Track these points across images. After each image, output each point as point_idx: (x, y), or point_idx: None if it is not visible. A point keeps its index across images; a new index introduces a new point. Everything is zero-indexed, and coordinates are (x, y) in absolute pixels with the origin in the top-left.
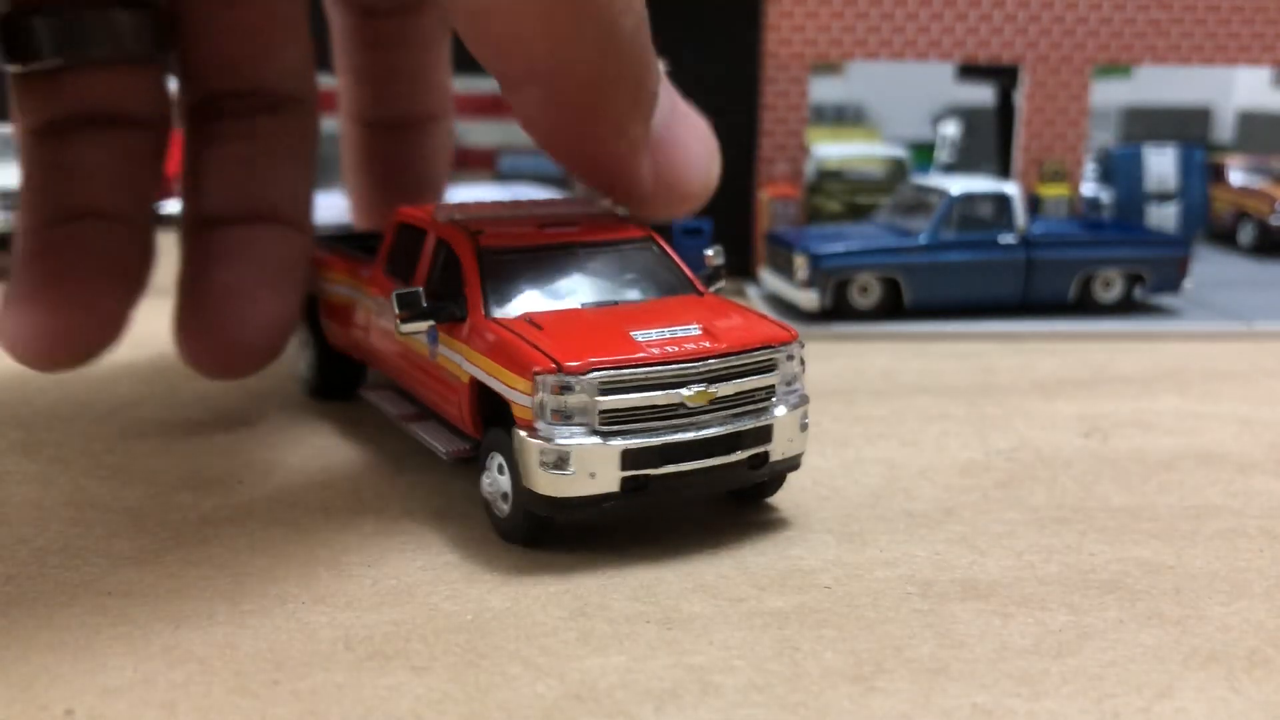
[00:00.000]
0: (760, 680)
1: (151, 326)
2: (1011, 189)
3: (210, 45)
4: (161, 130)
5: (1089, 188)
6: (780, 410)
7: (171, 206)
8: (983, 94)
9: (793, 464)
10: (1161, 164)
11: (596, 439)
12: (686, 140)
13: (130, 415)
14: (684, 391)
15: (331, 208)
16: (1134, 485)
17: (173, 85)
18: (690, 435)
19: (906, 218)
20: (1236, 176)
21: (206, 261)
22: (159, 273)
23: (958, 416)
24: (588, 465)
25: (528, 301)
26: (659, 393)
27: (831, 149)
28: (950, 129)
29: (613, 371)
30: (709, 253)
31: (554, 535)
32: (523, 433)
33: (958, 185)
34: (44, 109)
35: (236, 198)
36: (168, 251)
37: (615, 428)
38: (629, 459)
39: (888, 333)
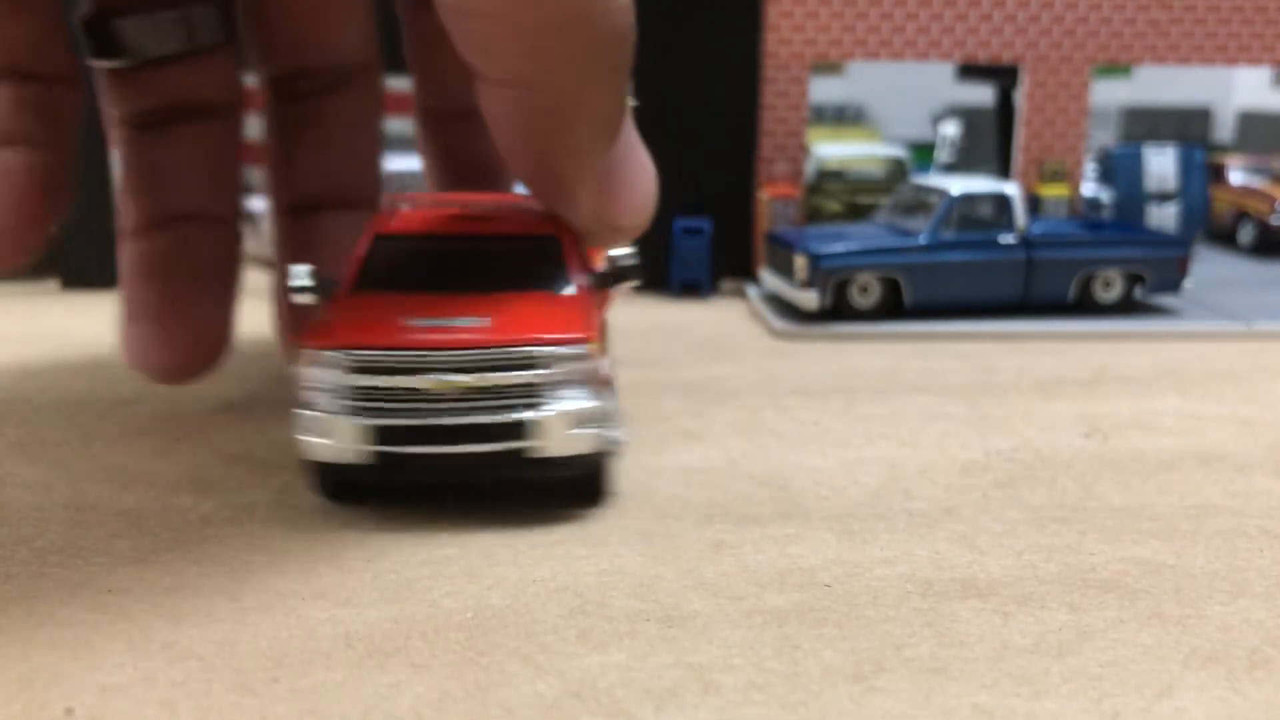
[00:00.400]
0: (760, 679)
1: None
2: (1011, 189)
3: (276, 25)
4: (238, 116)
5: (1089, 188)
6: (547, 409)
7: None
8: (983, 94)
9: (576, 465)
10: (1161, 164)
11: (349, 414)
12: (633, 180)
13: (131, 415)
14: (429, 378)
15: None
16: (1134, 485)
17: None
18: (435, 421)
19: (906, 218)
20: (1236, 176)
21: (307, 249)
22: None
23: (958, 416)
24: (341, 437)
25: (391, 284)
26: (402, 377)
27: (831, 149)
28: (950, 129)
29: (359, 353)
30: (615, 254)
31: (357, 496)
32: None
33: (958, 185)
34: (130, 102)
35: (327, 183)
36: None
37: (368, 405)
38: (378, 435)
39: (888, 333)
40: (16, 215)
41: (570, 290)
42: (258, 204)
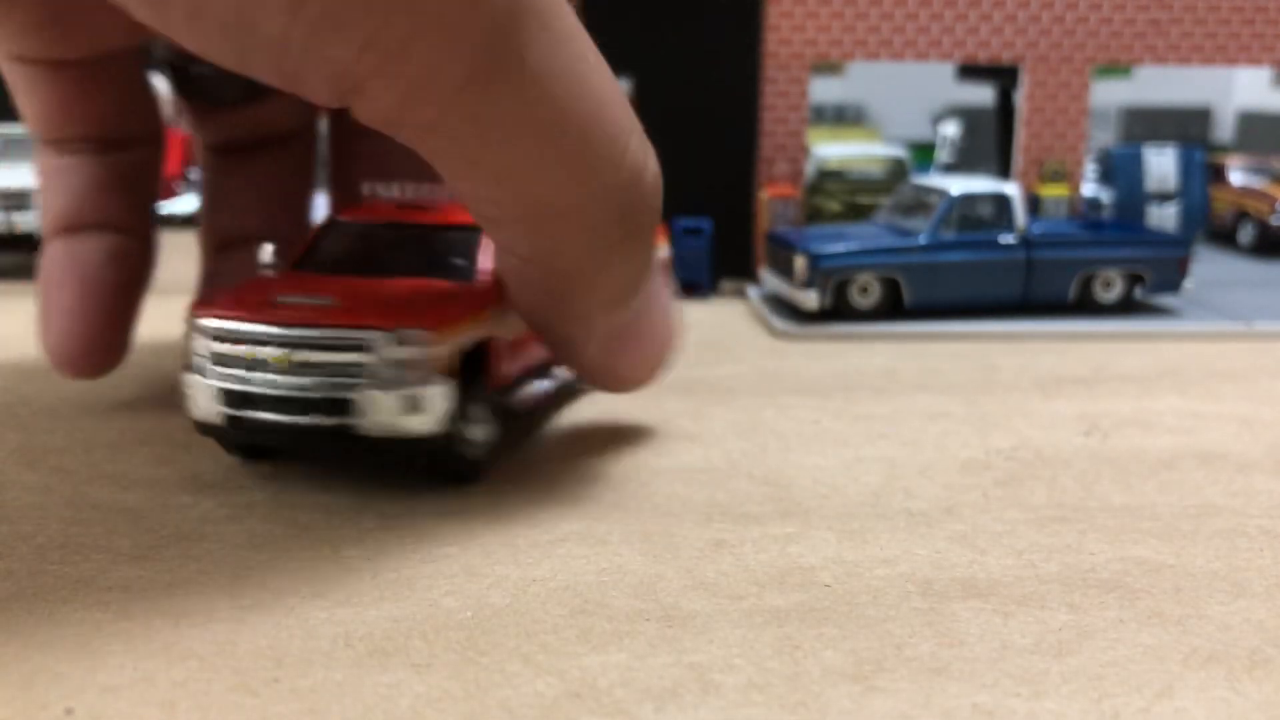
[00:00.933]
0: (760, 679)
1: (152, 328)
2: (1011, 189)
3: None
4: (310, 139)
5: (1089, 188)
6: (373, 389)
7: (169, 207)
8: (983, 94)
9: (406, 447)
10: (1161, 164)
11: (208, 378)
12: (644, 339)
13: (131, 417)
14: (270, 351)
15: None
16: (1134, 484)
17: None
18: (270, 391)
19: (906, 218)
20: (1236, 176)
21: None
22: (158, 272)
23: (958, 415)
24: (204, 399)
25: (319, 264)
26: (245, 347)
27: (831, 149)
28: (950, 129)
29: (217, 323)
30: None
31: (246, 453)
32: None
33: (958, 185)
34: (211, 134)
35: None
36: (167, 250)
37: (221, 370)
38: (225, 399)
39: (888, 333)
40: (93, 323)
41: (469, 281)
42: None
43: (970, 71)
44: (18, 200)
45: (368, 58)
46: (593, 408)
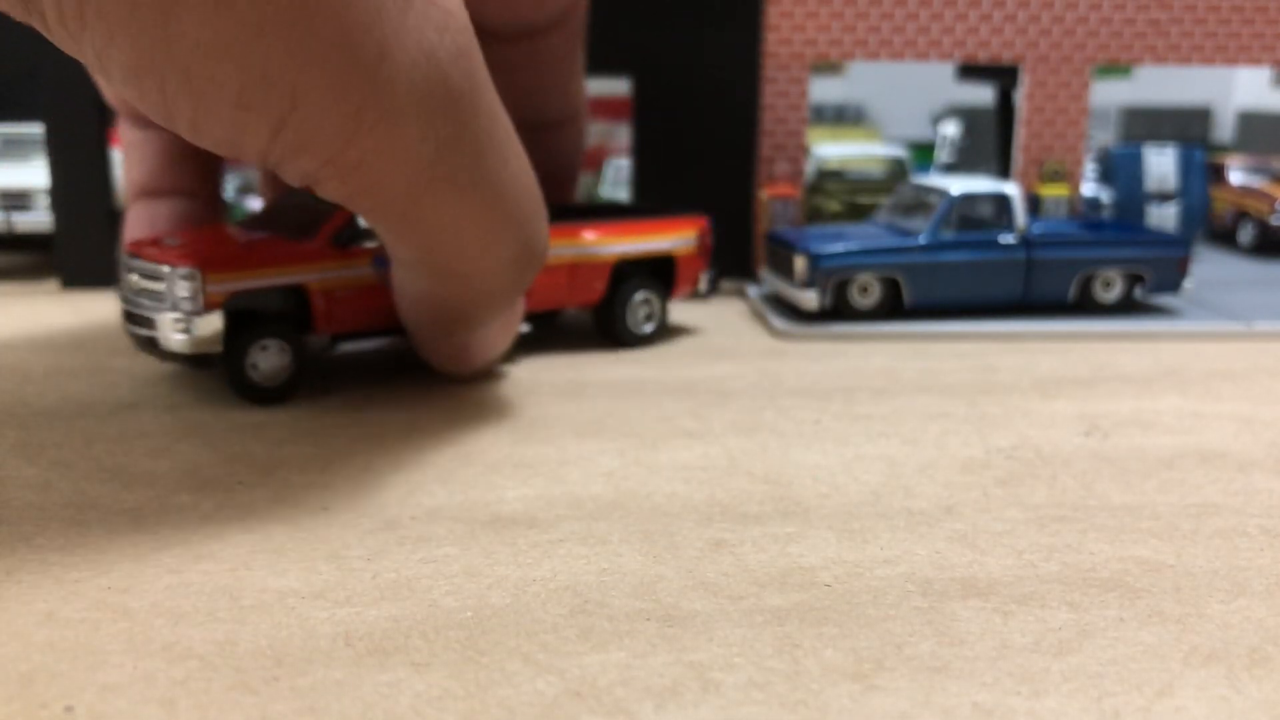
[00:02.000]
0: (760, 678)
1: None
2: (1011, 189)
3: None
4: None
5: (1089, 188)
6: (164, 313)
7: None
8: (983, 94)
9: (189, 360)
10: (1161, 164)
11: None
12: (488, 346)
13: (130, 416)
14: (134, 278)
15: None
16: (1134, 483)
17: None
18: (130, 308)
19: (906, 218)
20: (1236, 176)
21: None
22: None
23: (958, 415)
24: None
25: (249, 221)
26: (126, 273)
27: (831, 149)
28: (950, 129)
29: (127, 255)
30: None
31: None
32: None
33: (958, 185)
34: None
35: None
36: None
37: (123, 293)
38: (122, 315)
39: (888, 333)
40: None
41: (311, 239)
42: (261, 203)
43: (970, 71)
44: (18, 200)
45: (328, 169)
46: (593, 407)
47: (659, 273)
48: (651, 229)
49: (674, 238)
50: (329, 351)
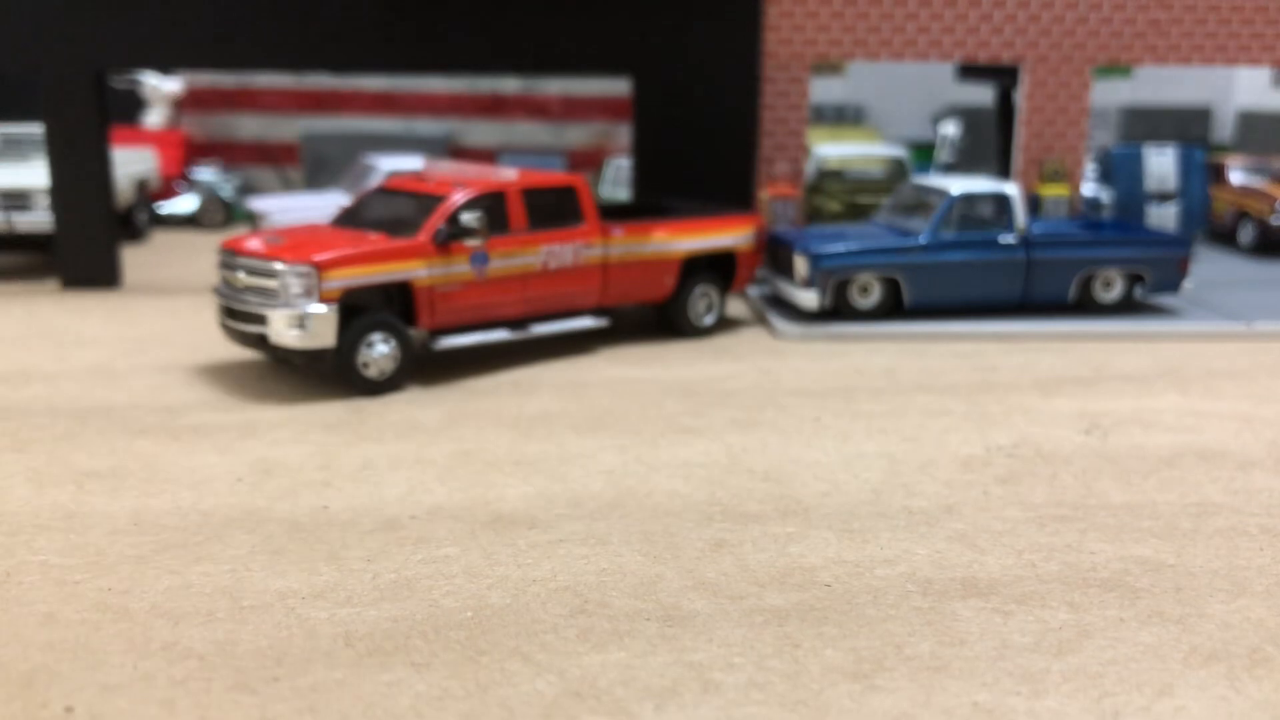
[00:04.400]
0: (760, 678)
1: (150, 328)
2: (1011, 189)
3: None
4: None
5: (1089, 188)
6: (276, 310)
7: (169, 207)
8: (983, 94)
9: (302, 356)
10: (1161, 164)
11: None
12: None
13: (130, 415)
14: (240, 275)
15: (329, 206)
16: (1134, 482)
17: (171, 85)
18: (233, 304)
19: (906, 218)
20: (1236, 176)
21: None
22: (158, 272)
23: (958, 414)
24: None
25: (340, 219)
26: (226, 271)
27: (831, 149)
28: (950, 129)
29: (224, 251)
30: (466, 216)
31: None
32: None
33: (958, 185)
34: None
35: None
36: (167, 250)
37: (220, 289)
38: (221, 312)
39: (888, 333)
40: None
41: (412, 236)
42: (262, 203)
43: (970, 71)
44: (18, 200)
45: None
46: (594, 405)
47: (715, 267)
48: (716, 226)
49: (737, 234)
50: (428, 346)
